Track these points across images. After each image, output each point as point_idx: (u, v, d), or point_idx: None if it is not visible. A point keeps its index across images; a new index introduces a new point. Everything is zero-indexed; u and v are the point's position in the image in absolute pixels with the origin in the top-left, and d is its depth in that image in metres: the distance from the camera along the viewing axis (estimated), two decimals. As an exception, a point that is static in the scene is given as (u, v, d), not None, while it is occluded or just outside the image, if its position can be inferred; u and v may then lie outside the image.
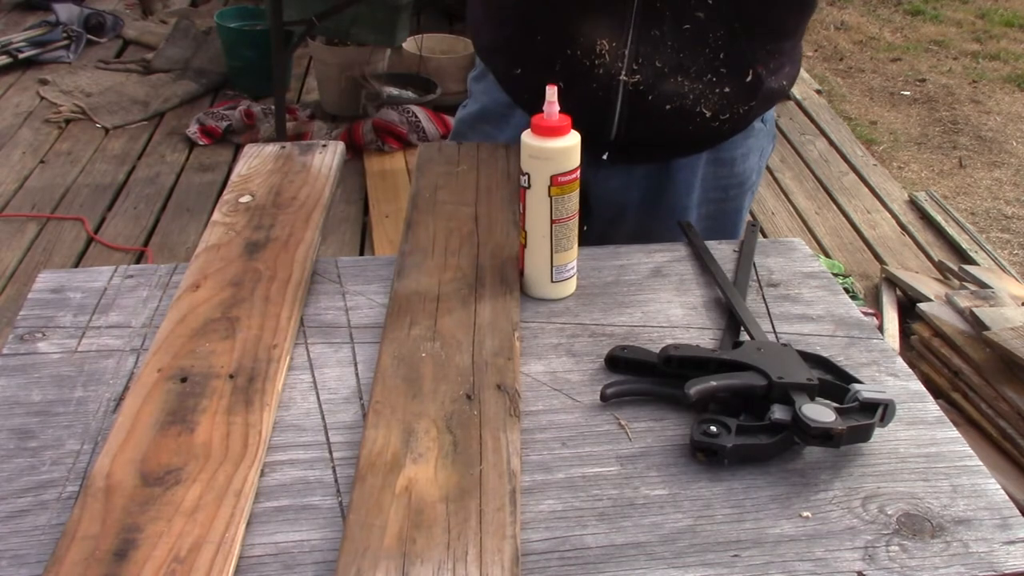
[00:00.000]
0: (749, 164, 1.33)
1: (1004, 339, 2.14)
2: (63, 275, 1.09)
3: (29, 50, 4.34)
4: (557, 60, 1.20)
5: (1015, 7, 5.65)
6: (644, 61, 1.18)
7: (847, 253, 3.14)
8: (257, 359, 0.91)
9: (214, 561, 0.69)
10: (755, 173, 1.36)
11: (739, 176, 1.33)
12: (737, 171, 1.32)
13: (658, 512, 0.78)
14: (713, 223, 1.32)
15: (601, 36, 1.18)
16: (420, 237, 1.12)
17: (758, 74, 1.20)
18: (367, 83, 3.67)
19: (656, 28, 1.16)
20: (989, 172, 3.79)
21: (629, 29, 1.16)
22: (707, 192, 1.32)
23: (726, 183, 1.32)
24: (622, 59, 1.18)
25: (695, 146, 1.27)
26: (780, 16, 1.20)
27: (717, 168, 1.30)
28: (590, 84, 1.19)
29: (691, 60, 1.18)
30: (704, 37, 1.16)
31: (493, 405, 0.86)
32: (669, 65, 1.18)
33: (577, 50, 1.19)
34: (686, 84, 1.19)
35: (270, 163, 1.28)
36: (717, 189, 1.32)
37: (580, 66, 1.19)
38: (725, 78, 1.19)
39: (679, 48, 1.17)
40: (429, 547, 0.71)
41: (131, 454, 0.79)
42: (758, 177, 1.38)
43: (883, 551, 0.74)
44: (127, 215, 3.19)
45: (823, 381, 0.87)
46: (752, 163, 1.34)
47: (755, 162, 1.35)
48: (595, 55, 1.19)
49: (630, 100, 1.19)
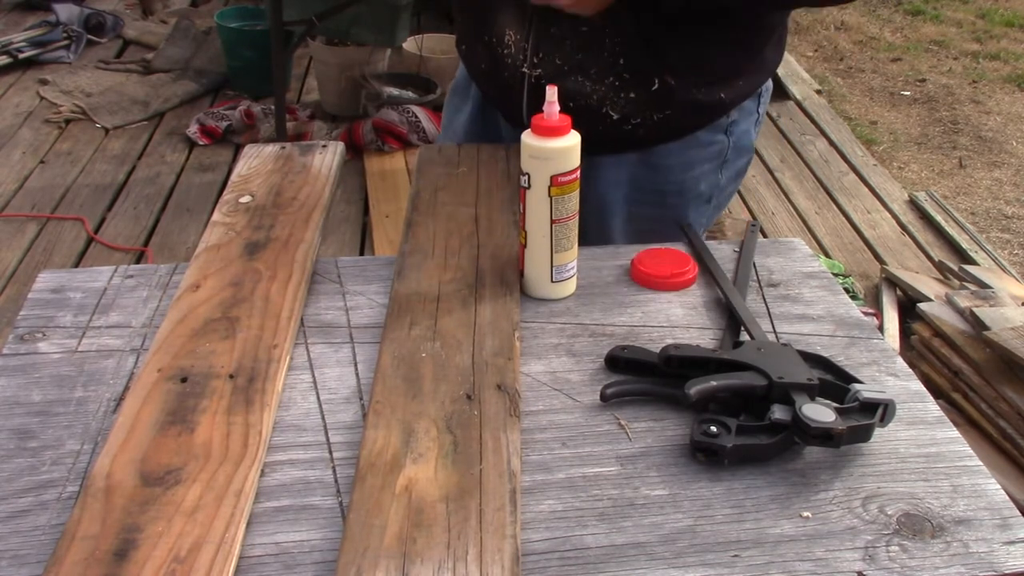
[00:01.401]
0: (694, 175, 1.29)
1: (1004, 339, 2.14)
2: (63, 275, 1.09)
3: (29, 50, 4.34)
4: (479, 43, 1.28)
5: (1015, 7, 5.65)
6: (544, 56, 1.21)
7: (847, 253, 3.14)
8: (257, 359, 0.91)
9: (214, 561, 0.69)
10: (706, 185, 1.31)
11: (677, 184, 1.30)
12: (674, 179, 1.29)
13: (658, 512, 0.78)
14: (655, 225, 1.28)
15: (509, 27, 1.23)
16: (420, 238, 1.12)
17: (668, 84, 1.19)
18: (367, 83, 3.67)
19: (554, 26, 1.19)
20: (989, 172, 3.79)
21: (530, 24, 1.20)
22: (638, 193, 1.30)
23: (662, 188, 1.29)
24: (524, 52, 1.22)
25: (614, 145, 1.26)
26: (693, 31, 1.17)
27: (648, 172, 1.28)
28: (502, 72, 1.26)
29: (591, 62, 1.19)
30: (601, 41, 1.18)
31: (493, 405, 0.86)
32: (569, 64, 1.20)
33: (492, 37, 1.25)
34: (587, 84, 1.21)
35: (270, 163, 1.28)
36: (651, 192, 1.29)
37: (495, 52, 1.26)
38: (629, 84, 1.19)
39: (577, 48, 1.19)
40: (429, 546, 0.71)
41: (131, 454, 0.79)
42: (717, 192, 1.34)
43: (883, 551, 0.74)
44: (127, 215, 3.19)
45: (823, 381, 0.87)
46: (698, 175, 1.30)
47: (705, 175, 1.30)
48: (503, 45, 1.24)
49: (534, 92, 1.23)
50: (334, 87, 3.79)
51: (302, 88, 4.18)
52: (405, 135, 3.52)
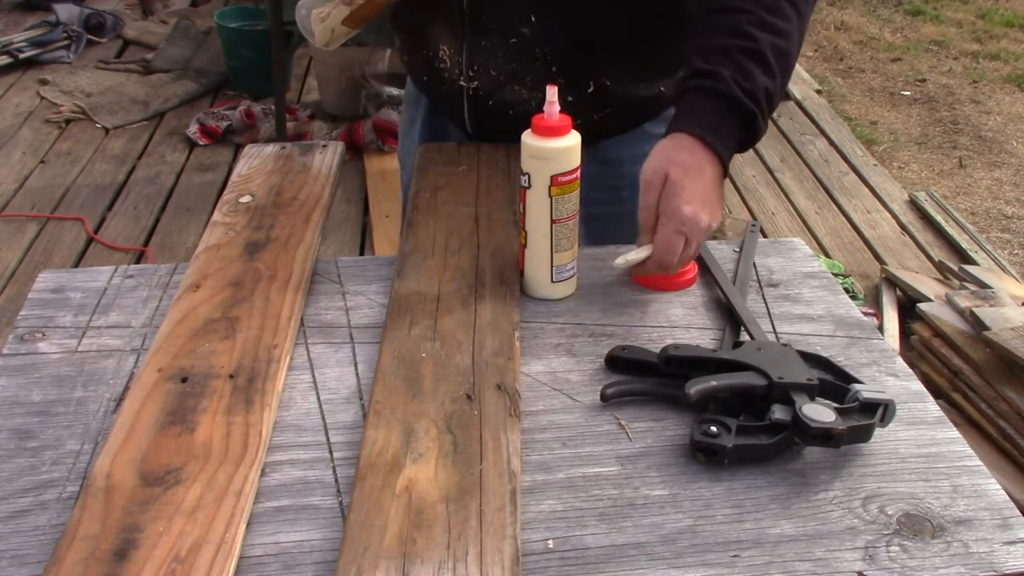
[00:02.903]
0: None
1: (1004, 339, 2.14)
2: (63, 275, 1.09)
3: (29, 50, 4.35)
4: (417, 57, 1.29)
5: (1015, 7, 5.65)
6: (479, 68, 1.22)
7: (847, 253, 3.14)
8: (257, 359, 0.91)
9: (214, 561, 0.69)
10: None
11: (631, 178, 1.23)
12: (627, 172, 1.25)
13: (658, 512, 0.78)
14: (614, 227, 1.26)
15: (442, 42, 1.24)
16: (420, 238, 1.12)
17: (603, 84, 1.20)
18: (367, 83, 3.67)
19: (485, 39, 1.19)
20: (989, 172, 3.79)
21: (463, 39, 1.21)
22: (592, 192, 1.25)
23: (614, 183, 1.28)
24: (459, 66, 1.23)
25: None
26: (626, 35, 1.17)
27: (600, 167, 1.26)
28: (441, 84, 1.27)
29: (524, 70, 1.20)
30: (532, 51, 1.18)
31: (493, 405, 0.86)
32: (504, 73, 1.21)
33: (428, 51, 1.26)
34: (524, 92, 1.21)
35: (270, 163, 1.28)
36: (604, 189, 1.28)
37: (432, 66, 1.27)
38: (564, 88, 1.18)
39: (510, 59, 1.20)
40: (429, 547, 0.71)
41: (131, 454, 0.79)
42: None
43: (883, 551, 0.74)
44: (127, 215, 3.19)
45: (823, 381, 0.87)
46: None
47: None
48: (439, 59, 1.25)
49: (474, 103, 1.25)
50: (334, 87, 3.79)
51: (302, 88, 4.19)
52: (405, 135, 3.52)
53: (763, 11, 1.04)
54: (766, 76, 1.02)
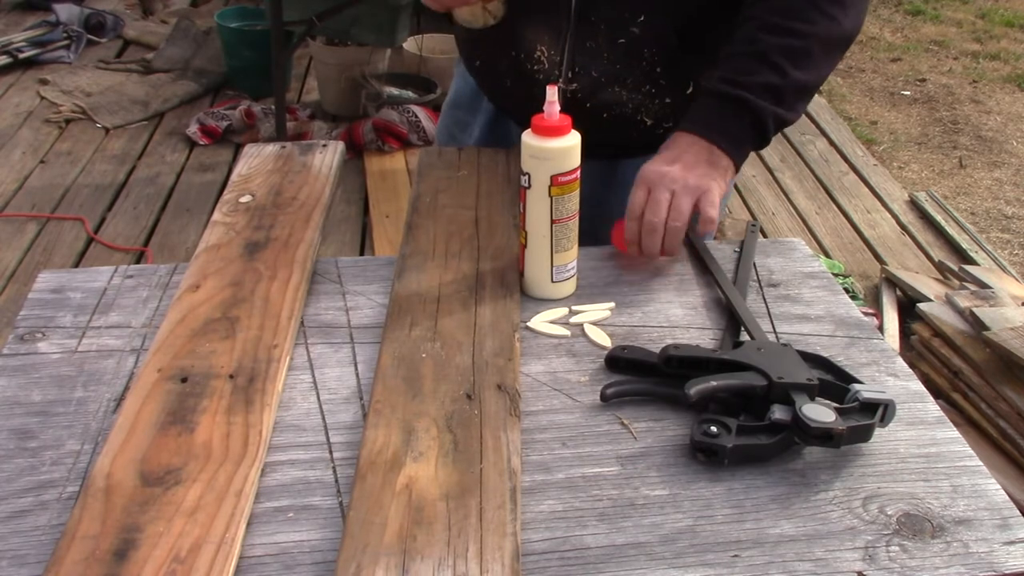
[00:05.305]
0: None
1: (1004, 339, 2.14)
2: (63, 275, 1.09)
3: (29, 50, 4.34)
4: (504, 59, 1.25)
5: (1015, 7, 5.65)
6: (580, 70, 1.20)
7: (847, 253, 3.14)
8: (257, 359, 0.91)
9: (214, 561, 0.69)
10: None
11: None
12: None
13: (658, 512, 0.78)
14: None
15: (540, 43, 1.21)
16: (420, 240, 1.13)
17: (699, 85, 1.20)
18: (367, 83, 3.67)
19: (591, 40, 1.18)
20: (989, 172, 3.79)
21: (565, 39, 1.19)
22: None
23: None
24: (559, 67, 1.21)
25: (643, 149, 1.25)
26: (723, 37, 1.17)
27: None
28: (532, 87, 1.22)
29: (627, 72, 1.20)
30: (639, 51, 1.18)
31: (493, 405, 0.86)
32: (606, 75, 1.20)
33: (521, 53, 1.23)
34: (624, 94, 1.21)
35: (270, 163, 1.28)
36: None
37: (523, 68, 1.24)
38: (665, 90, 1.20)
39: (615, 60, 1.19)
40: (429, 544, 0.71)
41: (131, 454, 0.79)
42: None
43: (883, 551, 0.74)
44: (127, 215, 3.19)
45: (823, 381, 0.87)
46: None
47: None
48: (534, 61, 1.22)
49: (568, 106, 1.21)
50: (334, 87, 3.79)
51: (302, 88, 4.18)
52: (405, 135, 3.53)
53: (778, 16, 1.09)
54: (772, 73, 1.07)
